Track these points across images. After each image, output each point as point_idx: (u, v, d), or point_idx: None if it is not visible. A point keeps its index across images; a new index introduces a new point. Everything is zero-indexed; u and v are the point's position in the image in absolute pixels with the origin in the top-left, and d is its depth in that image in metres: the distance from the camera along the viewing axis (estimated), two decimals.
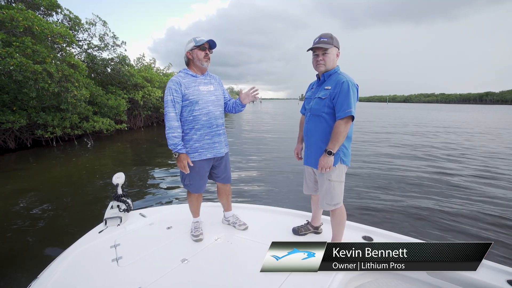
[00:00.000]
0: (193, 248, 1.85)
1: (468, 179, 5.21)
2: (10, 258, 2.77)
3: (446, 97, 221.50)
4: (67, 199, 4.52)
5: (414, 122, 19.14)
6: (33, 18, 7.47)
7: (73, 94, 8.25)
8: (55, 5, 10.39)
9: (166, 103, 1.80)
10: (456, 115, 29.25)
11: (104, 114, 11.31)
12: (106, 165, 6.96)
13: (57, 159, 7.69)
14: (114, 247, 1.88)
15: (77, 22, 11.77)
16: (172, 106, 1.79)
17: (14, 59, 6.42)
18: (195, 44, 1.85)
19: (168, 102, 1.79)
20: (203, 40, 1.85)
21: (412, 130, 14.06)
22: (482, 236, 3.08)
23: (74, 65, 8.75)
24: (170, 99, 1.79)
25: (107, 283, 1.53)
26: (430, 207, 3.87)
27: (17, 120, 7.73)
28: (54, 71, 7.43)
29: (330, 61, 1.70)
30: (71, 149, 9.12)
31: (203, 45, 1.85)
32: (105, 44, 12.91)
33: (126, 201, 2.32)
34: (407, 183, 5.00)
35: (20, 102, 8.23)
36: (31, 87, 7.18)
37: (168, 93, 1.80)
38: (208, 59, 1.89)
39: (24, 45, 6.93)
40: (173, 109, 1.79)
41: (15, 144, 8.91)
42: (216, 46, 1.91)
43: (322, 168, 1.66)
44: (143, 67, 16.18)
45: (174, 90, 1.80)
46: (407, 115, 28.21)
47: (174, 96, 1.79)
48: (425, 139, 10.84)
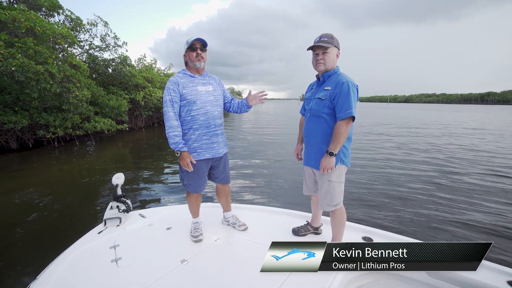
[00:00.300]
0: (192, 249, 1.85)
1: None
2: (9, 258, 2.76)
3: (447, 97, 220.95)
4: (68, 199, 4.54)
5: (434, 123, 19.09)
6: (35, 19, 7.51)
7: (75, 95, 8.28)
8: (57, 5, 10.44)
9: (164, 103, 1.81)
10: (470, 116, 29.10)
11: (106, 114, 11.35)
12: (107, 165, 6.99)
13: (58, 159, 7.72)
14: (114, 247, 1.87)
15: (79, 23, 11.82)
16: (170, 106, 1.80)
17: (16, 60, 6.45)
18: (187, 45, 1.86)
19: (167, 102, 1.80)
20: (191, 39, 1.85)
21: (435, 132, 14.03)
22: (483, 236, 3.08)
23: (75, 65, 8.79)
24: (169, 99, 1.80)
25: (107, 284, 1.52)
26: (432, 207, 3.87)
27: (19, 121, 7.76)
28: (56, 72, 7.46)
29: (330, 61, 1.70)
30: (72, 149, 9.16)
31: (194, 45, 1.85)
32: (107, 44, 12.96)
33: (126, 201, 2.31)
34: (414, 184, 5.00)
35: (22, 103, 8.28)
36: (33, 87, 7.22)
37: (166, 93, 1.81)
38: (200, 59, 1.88)
39: (26, 46, 6.97)
40: (172, 108, 1.80)
41: (17, 145, 8.96)
42: (206, 43, 1.89)
43: (323, 169, 1.66)
44: (144, 68, 16.23)
45: (172, 90, 1.81)
46: (425, 117, 27.75)
47: (172, 96, 1.80)
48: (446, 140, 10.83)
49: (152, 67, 17.45)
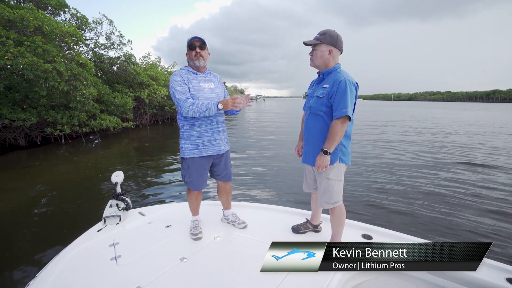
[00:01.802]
0: (192, 247, 1.85)
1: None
2: (9, 257, 2.77)
3: (452, 95, 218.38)
4: (71, 196, 4.59)
5: (451, 123, 18.98)
6: (43, 17, 7.61)
7: (82, 93, 8.40)
8: (63, 4, 10.54)
9: (175, 92, 1.78)
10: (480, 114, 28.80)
11: (111, 112, 11.47)
12: (111, 162, 7.11)
13: (65, 156, 7.87)
14: (113, 245, 1.87)
15: (84, 21, 11.92)
16: (181, 94, 1.78)
17: (25, 59, 6.56)
18: (187, 44, 1.88)
19: (177, 91, 1.78)
20: (189, 39, 1.86)
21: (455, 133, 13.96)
22: (484, 235, 3.10)
23: (82, 63, 8.90)
24: (180, 89, 1.79)
25: (106, 282, 1.51)
26: (436, 207, 3.91)
27: (28, 118, 7.91)
28: (64, 70, 7.57)
29: (318, 58, 1.68)
30: (79, 146, 9.31)
31: (192, 44, 1.85)
32: (112, 43, 13.06)
33: (125, 199, 2.31)
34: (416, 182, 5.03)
35: (30, 101, 8.41)
36: (42, 85, 7.35)
37: (173, 84, 1.80)
38: (199, 58, 1.87)
39: (35, 44, 7.08)
40: (184, 95, 1.79)
41: (25, 142, 9.14)
42: (205, 41, 1.87)
43: (318, 167, 1.66)
44: (148, 66, 16.32)
45: (180, 81, 1.82)
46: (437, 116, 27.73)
47: (182, 86, 1.80)
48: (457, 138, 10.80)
49: (156, 65, 17.53)
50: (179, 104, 1.77)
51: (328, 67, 1.70)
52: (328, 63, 1.69)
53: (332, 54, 1.67)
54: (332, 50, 1.66)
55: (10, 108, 7.82)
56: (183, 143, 1.93)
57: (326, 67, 1.71)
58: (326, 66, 1.71)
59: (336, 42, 1.67)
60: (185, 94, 1.79)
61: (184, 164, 1.95)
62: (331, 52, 1.66)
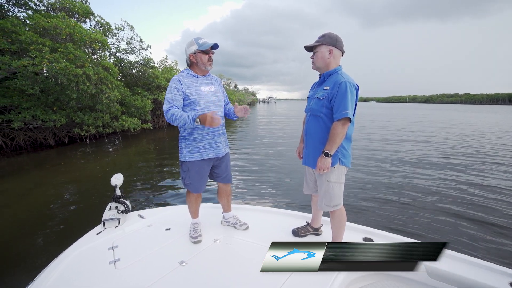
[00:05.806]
0: (191, 250, 1.82)
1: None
2: (7, 260, 2.73)
3: (471, 98, 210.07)
4: (89, 196, 4.62)
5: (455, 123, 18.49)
6: (74, 25, 8.18)
7: (107, 95, 8.91)
8: (89, 12, 11.22)
9: (165, 101, 1.80)
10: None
11: (131, 114, 12.01)
12: (132, 161, 7.47)
13: (91, 155, 8.33)
14: (112, 249, 1.84)
15: (108, 28, 12.60)
16: (167, 103, 1.78)
17: (60, 64, 7.09)
18: (198, 47, 1.83)
19: (167, 99, 1.79)
20: (207, 44, 1.83)
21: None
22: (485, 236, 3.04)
23: (107, 68, 9.44)
24: (170, 97, 1.79)
25: (105, 286, 1.50)
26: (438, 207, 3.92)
27: (58, 119, 8.48)
28: (92, 74, 8.09)
29: (319, 59, 1.68)
30: (102, 146, 9.82)
31: (210, 49, 1.85)
32: (132, 47, 13.69)
33: (125, 202, 2.29)
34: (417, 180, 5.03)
35: (60, 103, 9.02)
36: (72, 89, 7.88)
37: (168, 91, 1.81)
38: (211, 62, 1.89)
39: (67, 50, 7.62)
40: (170, 105, 1.77)
41: (53, 141, 9.77)
42: (218, 47, 1.89)
43: (319, 169, 1.64)
44: (165, 69, 16.91)
45: (175, 88, 1.79)
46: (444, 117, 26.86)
47: (173, 94, 1.79)
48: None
49: (173, 68, 18.12)
50: (165, 112, 1.76)
51: (329, 69, 1.70)
52: (329, 64, 1.69)
53: (333, 54, 1.67)
54: (332, 50, 1.66)
55: (43, 110, 8.42)
56: (184, 146, 1.91)
57: (327, 68, 1.70)
58: (327, 68, 1.70)
59: (336, 42, 1.67)
60: (172, 103, 1.77)
61: (184, 166, 1.94)
62: (332, 52, 1.66)
